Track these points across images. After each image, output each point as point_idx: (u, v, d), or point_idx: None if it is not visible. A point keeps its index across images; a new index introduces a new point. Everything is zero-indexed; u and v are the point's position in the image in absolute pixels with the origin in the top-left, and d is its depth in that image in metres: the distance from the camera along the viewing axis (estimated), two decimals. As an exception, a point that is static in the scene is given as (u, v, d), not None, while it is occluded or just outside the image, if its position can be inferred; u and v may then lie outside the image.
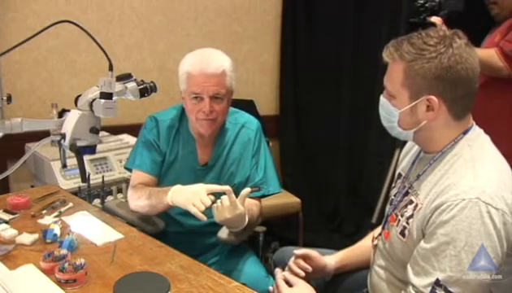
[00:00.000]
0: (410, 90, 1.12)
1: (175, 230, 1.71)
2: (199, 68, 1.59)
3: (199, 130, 1.67)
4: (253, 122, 1.79)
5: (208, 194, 1.46)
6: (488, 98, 2.08)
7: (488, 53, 2.13)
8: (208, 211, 1.48)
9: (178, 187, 1.54)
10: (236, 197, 1.47)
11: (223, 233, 1.59)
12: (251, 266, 1.65)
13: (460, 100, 1.12)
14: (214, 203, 1.45)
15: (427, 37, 1.11)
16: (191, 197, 1.45)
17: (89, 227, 1.50)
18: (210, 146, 1.73)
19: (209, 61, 1.60)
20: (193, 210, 1.42)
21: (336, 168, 3.29)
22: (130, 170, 1.80)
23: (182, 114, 1.75)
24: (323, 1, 3.19)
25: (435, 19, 2.21)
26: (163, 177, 1.73)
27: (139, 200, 1.64)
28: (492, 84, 2.10)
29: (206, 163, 1.73)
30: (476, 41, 1.16)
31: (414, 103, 1.13)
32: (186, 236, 1.68)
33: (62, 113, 1.34)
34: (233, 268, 1.63)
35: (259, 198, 1.73)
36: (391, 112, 1.18)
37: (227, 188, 1.45)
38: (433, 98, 1.10)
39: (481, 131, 1.19)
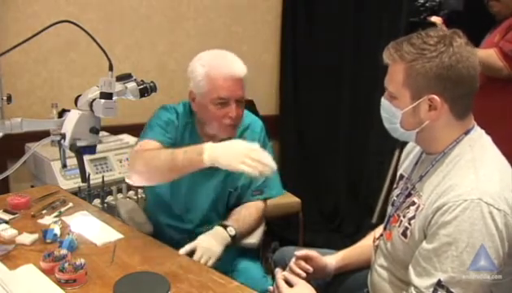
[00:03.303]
0: (412, 90, 1.12)
1: (169, 234, 1.69)
2: (225, 72, 1.51)
3: (221, 136, 1.56)
4: (257, 124, 1.74)
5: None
6: (488, 100, 2.08)
7: (487, 53, 2.13)
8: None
9: (213, 145, 1.33)
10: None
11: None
12: (249, 266, 1.64)
13: (461, 99, 1.12)
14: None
15: (427, 37, 1.11)
16: (239, 156, 1.28)
17: (89, 227, 1.50)
18: None
19: (233, 64, 1.53)
20: (247, 170, 1.26)
21: (336, 168, 3.29)
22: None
23: (190, 113, 1.66)
24: (323, 1, 3.18)
25: (435, 18, 2.22)
26: None
27: (154, 160, 1.42)
28: (491, 84, 2.10)
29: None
30: (476, 41, 1.16)
31: (416, 103, 1.13)
32: (183, 236, 1.66)
33: (62, 113, 1.33)
34: (232, 268, 1.62)
35: (263, 200, 1.72)
36: (393, 113, 1.17)
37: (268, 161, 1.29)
38: (435, 97, 1.10)
39: (482, 132, 1.19)
